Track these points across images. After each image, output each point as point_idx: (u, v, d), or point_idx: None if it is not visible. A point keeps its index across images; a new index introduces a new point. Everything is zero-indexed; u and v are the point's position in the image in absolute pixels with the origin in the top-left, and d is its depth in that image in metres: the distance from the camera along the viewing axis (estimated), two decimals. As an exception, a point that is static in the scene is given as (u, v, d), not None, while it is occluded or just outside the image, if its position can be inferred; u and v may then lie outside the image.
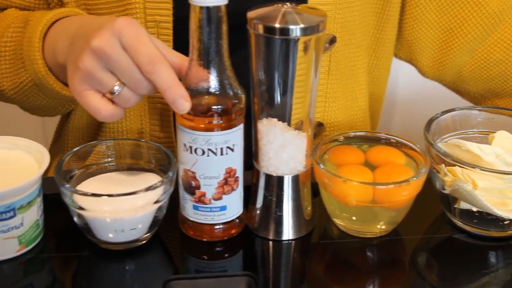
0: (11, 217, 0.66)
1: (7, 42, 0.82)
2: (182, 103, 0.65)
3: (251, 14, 0.66)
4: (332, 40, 0.75)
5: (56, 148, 1.03)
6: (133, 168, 0.76)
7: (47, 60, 0.77)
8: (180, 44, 0.84)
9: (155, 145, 0.75)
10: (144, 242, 0.72)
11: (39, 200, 0.70)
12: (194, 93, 0.67)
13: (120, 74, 0.66)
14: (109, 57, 0.65)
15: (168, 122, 0.87)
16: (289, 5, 0.67)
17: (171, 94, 0.65)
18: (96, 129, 0.92)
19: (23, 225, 0.68)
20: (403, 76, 1.52)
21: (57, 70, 0.78)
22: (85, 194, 0.67)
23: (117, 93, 0.67)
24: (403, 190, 0.69)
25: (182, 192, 0.72)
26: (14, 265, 0.69)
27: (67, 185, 0.68)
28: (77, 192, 0.68)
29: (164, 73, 0.65)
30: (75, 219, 0.70)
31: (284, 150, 0.70)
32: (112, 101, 0.68)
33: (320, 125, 0.89)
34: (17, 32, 0.82)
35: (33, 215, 0.69)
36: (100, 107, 0.67)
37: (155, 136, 0.88)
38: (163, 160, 0.74)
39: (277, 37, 0.65)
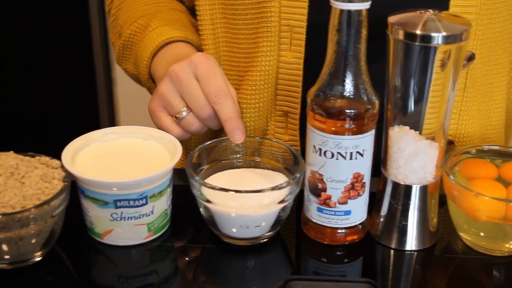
0: (143, 205, 0.69)
1: (131, 35, 0.94)
2: (238, 134, 0.75)
3: (392, 19, 0.66)
4: (471, 57, 0.73)
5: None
6: (260, 166, 0.77)
7: (151, 71, 0.89)
8: (312, 51, 0.84)
9: (284, 145, 0.76)
10: (265, 240, 0.73)
11: (169, 190, 0.72)
12: (328, 95, 0.67)
13: (188, 99, 0.77)
14: (181, 82, 0.76)
15: (294, 125, 0.87)
16: (431, 12, 0.66)
17: (231, 125, 0.75)
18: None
19: (153, 213, 0.70)
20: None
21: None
22: (213, 188, 0.68)
23: (182, 117, 0.78)
24: (538, 210, 0.66)
25: (307, 193, 0.72)
26: (141, 251, 0.72)
27: (197, 177, 0.70)
28: (205, 185, 0.69)
29: (228, 106, 0.75)
30: (202, 211, 0.72)
31: (415, 159, 0.69)
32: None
33: (450, 143, 0.87)
34: (139, 32, 0.93)
35: (162, 204, 0.71)
36: (171, 127, 0.78)
37: (280, 138, 0.88)
38: (290, 161, 0.74)
39: (417, 44, 0.64)
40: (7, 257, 0.66)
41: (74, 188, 0.70)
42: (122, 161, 0.72)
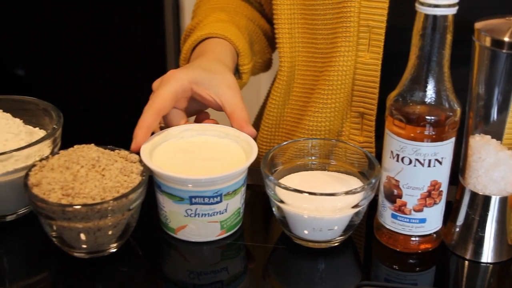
0: (217, 202, 0.69)
1: (188, 29, 0.96)
2: (133, 141, 0.72)
3: (478, 24, 0.64)
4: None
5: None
6: (334, 169, 0.77)
7: None
8: (390, 52, 0.83)
9: (359, 149, 0.75)
10: (336, 244, 0.72)
11: (243, 189, 0.72)
12: (408, 101, 0.66)
13: None
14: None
15: (369, 127, 0.86)
16: (521, 18, 0.64)
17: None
18: (294, 125, 0.94)
19: (227, 211, 0.71)
20: None
21: None
22: (287, 189, 0.68)
23: None
24: None
25: (382, 199, 0.71)
26: (213, 248, 0.72)
27: (271, 177, 0.70)
28: (280, 185, 0.69)
29: (143, 114, 0.73)
30: (274, 210, 0.72)
31: (496, 170, 0.67)
32: None
33: None
34: (190, 28, 0.95)
35: (236, 203, 0.71)
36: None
37: (354, 140, 0.88)
38: (365, 165, 0.73)
39: (504, 51, 0.62)
40: (84, 246, 0.68)
41: (150, 182, 0.71)
42: (198, 158, 0.73)
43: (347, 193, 0.68)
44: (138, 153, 0.71)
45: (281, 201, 0.70)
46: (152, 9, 1.78)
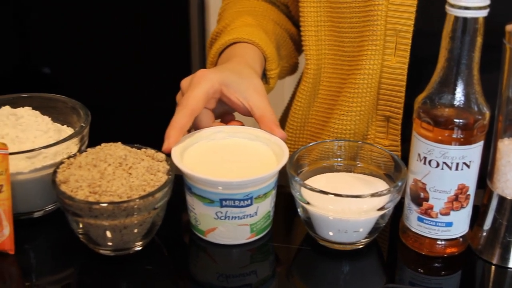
0: (248, 205, 0.69)
1: (214, 32, 0.96)
2: (165, 141, 0.71)
3: (510, 27, 0.63)
4: None
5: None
6: (360, 171, 0.76)
7: None
8: (416, 56, 0.83)
9: (385, 151, 0.74)
10: (361, 246, 0.72)
11: (274, 192, 0.72)
12: (436, 103, 0.65)
13: None
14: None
15: (395, 130, 0.86)
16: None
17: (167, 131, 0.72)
18: (319, 127, 0.94)
19: (257, 214, 0.70)
20: None
21: None
22: (313, 190, 0.68)
23: None
24: None
25: (408, 202, 0.70)
26: (243, 251, 0.72)
27: (297, 178, 0.70)
28: (305, 186, 0.69)
29: (176, 115, 0.73)
30: (299, 211, 0.72)
31: (525, 174, 0.66)
32: None
33: None
34: (217, 32, 0.95)
35: (266, 206, 0.71)
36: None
37: (380, 143, 0.87)
38: (391, 167, 0.73)
39: (535, 54, 0.62)
40: (110, 244, 0.68)
41: (175, 182, 0.70)
42: (229, 160, 0.73)
43: (373, 195, 0.68)
44: (169, 153, 0.72)
45: (307, 202, 0.69)
46: (177, 9, 1.79)
